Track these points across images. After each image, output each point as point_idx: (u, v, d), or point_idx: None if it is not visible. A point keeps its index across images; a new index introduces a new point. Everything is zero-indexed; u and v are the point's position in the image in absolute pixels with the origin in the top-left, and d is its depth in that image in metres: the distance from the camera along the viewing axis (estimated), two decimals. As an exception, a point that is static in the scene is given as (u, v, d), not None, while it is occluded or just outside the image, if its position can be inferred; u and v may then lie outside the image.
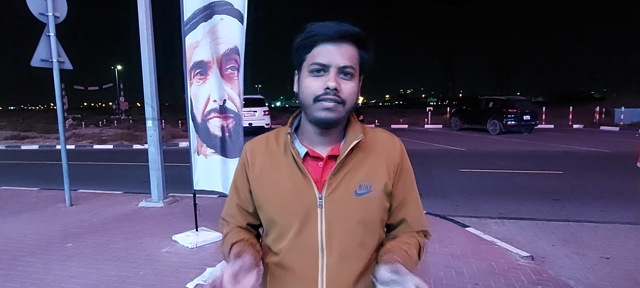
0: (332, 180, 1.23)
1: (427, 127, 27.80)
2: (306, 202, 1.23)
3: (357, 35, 1.18)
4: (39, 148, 20.27)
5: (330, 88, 1.14)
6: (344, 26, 1.16)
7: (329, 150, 1.26)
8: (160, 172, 7.21)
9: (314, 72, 1.17)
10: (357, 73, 1.21)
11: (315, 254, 1.23)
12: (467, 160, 12.57)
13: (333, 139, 1.28)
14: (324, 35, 1.15)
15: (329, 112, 1.16)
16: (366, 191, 1.24)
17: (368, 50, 1.22)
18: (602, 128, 23.39)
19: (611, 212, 6.64)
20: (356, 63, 1.19)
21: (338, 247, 1.22)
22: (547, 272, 4.33)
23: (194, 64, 4.99)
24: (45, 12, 6.87)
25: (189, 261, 4.71)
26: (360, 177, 1.24)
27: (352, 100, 1.20)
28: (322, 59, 1.16)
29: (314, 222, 1.23)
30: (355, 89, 1.20)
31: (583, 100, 58.19)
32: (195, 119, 5.09)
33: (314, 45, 1.17)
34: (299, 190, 1.24)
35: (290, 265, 1.26)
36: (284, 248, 1.26)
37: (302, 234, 1.23)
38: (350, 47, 1.17)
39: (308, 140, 1.29)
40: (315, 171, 1.25)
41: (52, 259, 4.81)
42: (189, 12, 4.96)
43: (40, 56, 6.88)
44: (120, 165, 13.86)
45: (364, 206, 1.24)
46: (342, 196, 1.22)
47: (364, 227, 1.24)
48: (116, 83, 48.06)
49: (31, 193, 8.57)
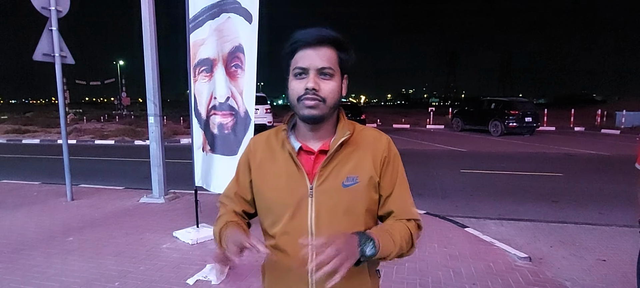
0: (322, 172, 1.36)
1: (429, 127, 27.82)
2: (298, 191, 1.37)
3: (334, 39, 1.31)
4: (40, 142, 20.30)
5: (309, 88, 1.29)
6: (322, 31, 1.30)
7: (320, 145, 1.40)
8: (162, 168, 7.24)
9: (297, 75, 1.32)
10: (337, 72, 1.34)
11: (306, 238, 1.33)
12: (468, 161, 12.59)
13: (323, 135, 1.41)
14: (303, 42, 1.30)
15: (311, 109, 1.30)
16: (352, 182, 1.36)
17: (346, 51, 1.35)
18: (603, 131, 23.37)
19: (609, 214, 6.66)
20: (335, 64, 1.32)
21: (326, 233, 1.32)
22: (544, 273, 4.35)
23: (199, 61, 5.01)
24: (47, 6, 6.91)
25: (190, 257, 4.75)
26: (348, 169, 1.37)
27: (332, 97, 1.32)
28: (303, 63, 1.30)
29: (304, 210, 1.36)
30: (334, 87, 1.33)
31: (585, 103, 58.08)
32: (201, 116, 5.12)
33: (296, 51, 1.32)
34: (292, 180, 1.38)
35: (284, 247, 1.39)
36: (278, 233, 1.40)
37: (294, 220, 1.37)
38: (328, 50, 1.31)
39: (302, 136, 1.42)
40: (308, 164, 1.38)
41: (53, 253, 4.85)
42: (196, 10, 4.99)
43: (42, 50, 6.91)
44: (121, 161, 13.88)
45: (350, 196, 1.36)
46: (330, 187, 1.36)
47: (350, 215, 1.37)
48: (118, 78, 48.16)
49: (32, 188, 8.61)
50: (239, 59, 4.62)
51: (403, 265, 4.40)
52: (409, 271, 4.31)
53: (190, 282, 4.07)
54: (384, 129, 26.76)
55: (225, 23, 4.69)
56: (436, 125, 28.24)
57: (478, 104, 23.84)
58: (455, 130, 24.43)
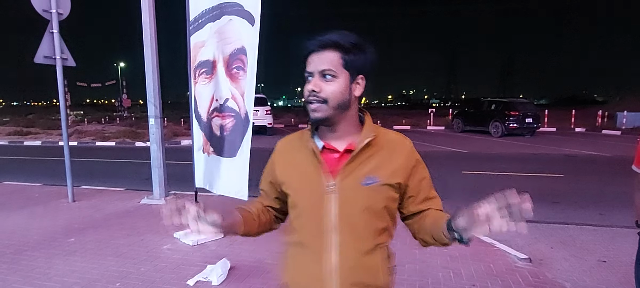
0: (344, 171, 1.43)
1: (430, 128, 27.81)
2: (320, 187, 1.45)
3: (336, 42, 1.38)
4: (41, 144, 20.34)
5: (309, 90, 1.40)
6: (324, 37, 1.39)
7: (345, 145, 1.47)
8: (162, 169, 7.26)
9: (306, 79, 1.43)
10: (342, 73, 1.40)
11: (327, 234, 1.44)
12: (468, 162, 12.59)
13: (344, 134, 1.48)
14: (309, 48, 1.41)
15: (314, 112, 1.40)
16: (372, 182, 1.43)
17: (352, 52, 1.40)
18: (604, 132, 23.36)
19: (610, 215, 6.67)
20: (337, 65, 1.39)
21: (348, 228, 1.43)
22: (544, 274, 4.35)
23: (199, 63, 5.03)
24: (48, 9, 6.93)
25: (190, 258, 4.76)
26: (368, 169, 1.44)
27: (334, 98, 1.39)
28: (309, 67, 1.41)
29: (327, 205, 1.44)
30: (336, 88, 1.39)
31: (586, 104, 58.12)
32: (201, 118, 5.14)
33: (306, 57, 1.43)
34: (314, 177, 1.46)
35: (305, 241, 1.49)
36: (301, 226, 1.51)
37: (316, 215, 1.45)
38: (330, 52, 1.38)
39: (324, 136, 1.51)
40: (331, 162, 1.46)
41: (54, 254, 4.87)
42: (197, 12, 5.01)
43: (43, 53, 6.93)
44: (122, 162, 13.93)
45: (369, 195, 1.43)
46: (351, 185, 1.43)
47: (369, 212, 1.44)
48: (119, 80, 48.17)
49: (34, 189, 8.64)
50: (242, 61, 4.63)
51: (403, 266, 4.41)
52: (409, 272, 4.32)
53: (190, 283, 4.08)
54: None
55: (226, 25, 4.71)
56: (436, 126, 28.22)
57: (478, 105, 23.80)
58: (456, 131, 24.41)
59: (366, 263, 1.45)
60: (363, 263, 1.45)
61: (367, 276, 1.46)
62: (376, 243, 1.47)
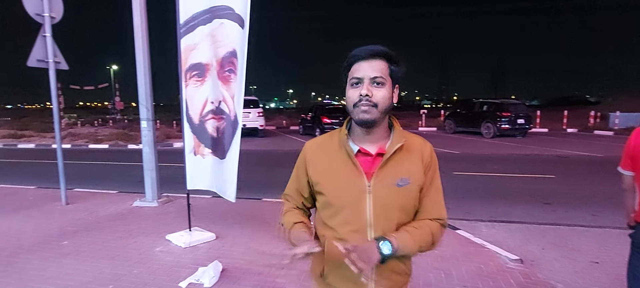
0: (379, 173, 1.58)
1: (421, 129, 27.82)
2: (358, 188, 1.59)
3: (385, 53, 1.55)
4: (35, 147, 20.24)
5: (363, 95, 1.52)
6: (374, 47, 1.54)
7: (377, 149, 1.62)
8: (155, 172, 7.26)
9: (353, 84, 1.56)
10: (388, 82, 1.56)
11: (364, 229, 1.59)
12: (460, 163, 12.61)
13: (377, 138, 1.63)
14: (358, 56, 1.55)
15: (365, 113, 1.53)
16: (405, 183, 1.60)
17: (397, 63, 1.58)
18: (596, 132, 23.49)
19: (602, 216, 6.70)
20: (386, 74, 1.55)
21: (382, 225, 1.59)
22: (536, 275, 4.38)
23: (190, 66, 5.04)
24: (41, 13, 6.91)
25: (182, 260, 4.77)
26: (401, 172, 1.60)
27: (384, 103, 1.55)
28: (358, 73, 1.54)
29: (363, 204, 1.58)
30: (386, 94, 1.55)
31: (578, 104, 58.19)
32: (192, 120, 5.15)
33: (352, 64, 1.56)
34: (351, 178, 1.60)
35: (344, 237, 1.60)
36: (338, 224, 1.63)
37: (354, 213, 1.60)
38: (379, 62, 1.54)
39: (358, 139, 1.64)
40: (365, 164, 1.60)
41: (48, 256, 4.87)
42: (188, 15, 5.01)
43: (36, 56, 6.92)
44: (115, 165, 13.90)
45: (403, 195, 1.60)
46: (386, 185, 1.58)
47: (402, 211, 1.62)
48: (112, 83, 47.98)
49: (28, 192, 8.61)
50: (233, 64, 4.66)
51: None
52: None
53: (182, 285, 4.08)
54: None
55: (218, 29, 4.73)
56: (428, 127, 28.28)
57: (470, 106, 23.84)
58: (448, 132, 24.47)
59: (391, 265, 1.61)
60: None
61: (399, 265, 1.66)
62: None
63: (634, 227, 2.59)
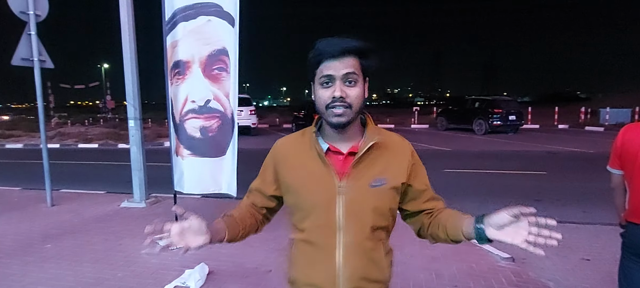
0: (351, 172, 1.48)
1: (414, 127, 27.85)
2: (328, 188, 1.48)
3: (357, 48, 1.43)
4: (23, 147, 20.04)
5: (336, 97, 1.41)
6: (345, 43, 1.41)
7: (349, 147, 1.52)
8: (143, 172, 7.16)
9: (324, 84, 1.44)
10: (361, 78, 1.46)
11: (334, 232, 1.49)
12: (451, 161, 12.61)
13: (350, 137, 1.53)
14: (328, 53, 1.41)
15: (340, 117, 1.42)
16: (380, 184, 1.49)
17: (368, 58, 1.47)
18: (587, 128, 23.59)
19: (593, 212, 6.69)
20: (358, 70, 1.44)
21: (354, 228, 1.48)
22: (527, 273, 4.34)
23: (173, 64, 4.96)
24: (26, 11, 6.78)
25: (168, 262, 4.67)
26: (375, 171, 1.50)
27: (358, 102, 1.44)
28: (328, 72, 1.42)
29: (334, 206, 1.48)
30: (359, 93, 1.45)
31: (569, 101, 58.68)
32: (175, 119, 5.06)
33: (321, 61, 1.43)
34: (321, 178, 1.49)
35: (313, 240, 1.52)
36: (309, 226, 1.52)
37: (325, 215, 1.49)
38: (351, 58, 1.42)
39: (329, 138, 1.54)
40: (336, 164, 1.50)
41: (29, 260, 4.76)
42: (170, 12, 4.93)
43: (20, 55, 6.79)
44: (104, 165, 13.76)
45: (377, 196, 1.49)
46: (359, 186, 1.48)
47: (376, 213, 1.50)
48: (103, 81, 47.76)
49: (12, 193, 8.48)
50: (224, 62, 4.61)
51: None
52: (391, 273, 4.28)
53: (168, 289, 4.00)
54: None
55: (204, 26, 4.66)
56: (421, 124, 28.32)
57: (462, 103, 23.97)
58: (440, 130, 24.50)
59: (372, 259, 1.52)
60: (370, 260, 1.51)
61: (373, 271, 1.53)
62: (379, 240, 1.54)
63: (625, 226, 2.54)
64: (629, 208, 2.48)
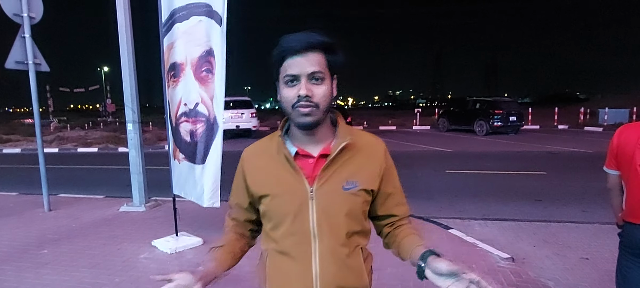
0: (322, 176, 1.39)
1: (415, 128, 27.83)
2: (299, 194, 1.40)
3: (322, 44, 1.34)
4: (21, 151, 19.98)
5: (302, 96, 1.31)
6: (309, 37, 1.32)
7: (320, 149, 1.43)
8: (142, 175, 7.12)
9: (288, 82, 1.34)
10: (328, 76, 1.36)
11: (308, 241, 1.40)
12: (453, 161, 12.60)
13: (320, 138, 1.44)
14: (291, 49, 1.32)
15: (306, 116, 1.33)
16: (353, 186, 1.41)
17: (335, 53, 1.37)
18: (586, 128, 23.57)
19: (592, 212, 6.68)
20: (324, 67, 1.34)
21: (328, 235, 1.40)
22: (527, 273, 4.32)
23: (170, 66, 4.91)
24: (20, 13, 6.72)
25: (167, 267, 4.64)
26: (348, 174, 1.41)
27: (325, 101, 1.35)
28: (293, 70, 1.32)
29: (306, 212, 1.39)
30: (327, 91, 1.35)
31: (569, 101, 58.67)
32: (171, 123, 5.02)
33: (285, 58, 1.33)
34: (291, 184, 1.41)
35: (287, 250, 1.43)
36: (281, 236, 1.43)
37: (297, 223, 1.40)
38: (316, 55, 1.33)
39: (298, 140, 1.45)
40: (306, 168, 1.41)
41: (25, 267, 4.71)
42: (167, 13, 4.88)
43: (15, 58, 6.72)
44: (104, 169, 13.72)
45: (351, 199, 1.41)
46: (331, 190, 1.39)
47: (350, 217, 1.42)
48: (103, 85, 47.75)
49: (9, 198, 8.43)
50: (210, 63, 4.51)
51: (384, 270, 4.32)
52: (389, 277, 4.24)
53: (166, 293, 3.96)
54: (371, 131, 26.69)
55: (195, 27, 4.58)
56: (422, 126, 28.26)
57: (463, 104, 23.93)
58: (441, 131, 24.47)
59: (349, 266, 1.43)
60: (346, 267, 1.43)
61: (351, 278, 1.45)
62: (356, 246, 1.46)
63: (622, 226, 2.53)
64: (626, 209, 2.47)
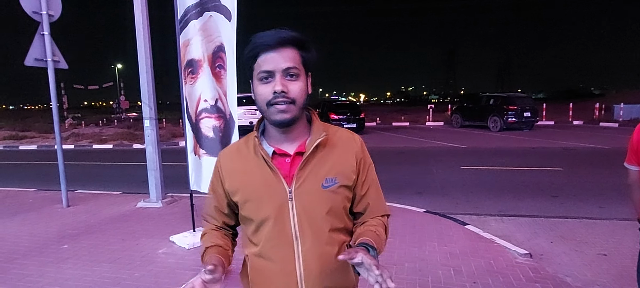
0: (299, 175, 1.37)
1: (429, 124, 27.73)
2: (278, 196, 1.37)
3: (295, 39, 1.33)
4: (37, 148, 20.22)
5: (278, 91, 1.29)
6: (282, 33, 1.31)
7: (295, 147, 1.40)
8: (159, 172, 7.18)
9: (263, 79, 1.32)
10: (302, 72, 1.35)
11: (290, 243, 1.38)
12: (467, 158, 12.53)
13: (296, 136, 1.42)
14: (264, 45, 1.30)
15: (283, 113, 1.31)
16: (332, 184, 1.39)
17: (308, 49, 1.37)
18: (601, 124, 23.33)
19: (609, 208, 6.62)
20: (299, 63, 1.33)
21: (310, 235, 1.37)
22: (544, 269, 4.30)
23: (187, 63, 4.94)
24: (39, 11, 6.82)
25: (185, 262, 4.68)
26: (326, 171, 1.39)
27: (301, 97, 1.33)
28: (267, 66, 1.30)
29: (286, 214, 1.37)
30: (302, 87, 1.34)
31: (583, 97, 58.07)
32: (191, 119, 5.06)
33: (258, 55, 1.31)
34: (270, 186, 1.38)
35: (268, 254, 1.40)
36: (262, 240, 1.40)
37: (277, 226, 1.37)
38: (290, 50, 1.32)
39: (274, 140, 1.42)
40: (283, 167, 1.38)
41: (47, 261, 4.78)
42: (182, 10, 4.91)
43: (34, 55, 6.82)
44: (119, 165, 13.83)
45: (331, 197, 1.39)
46: (310, 189, 1.37)
47: (332, 215, 1.40)
48: (117, 82, 48.00)
49: (28, 194, 8.54)
50: (222, 59, 4.54)
51: (402, 266, 4.34)
52: (408, 271, 4.25)
53: (185, 288, 4.00)
54: (384, 127, 26.71)
55: (208, 22, 4.60)
56: (435, 122, 28.16)
57: (477, 100, 23.82)
58: (455, 127, 24.36)
59: (333, 266, 1.40)
60: (331, 267, 1.40)
61: (337, 278, 1.43)
62: (340, 243, 1.44)
63: None
64: None
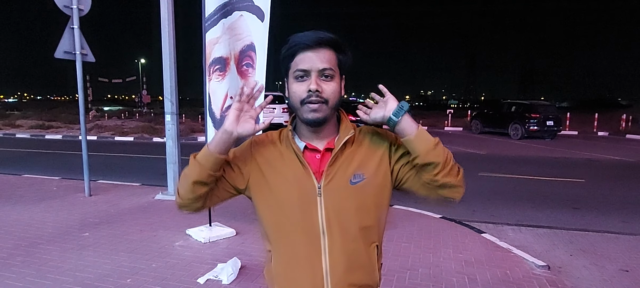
0: (329, 171, 1.39)
1: (447, 129, 27.51)
2: (307, 191, 1.39)
3: (333, 41, 1.35)
4: (62, 138, 20.60)
5: (312, 90, 1.32)
6: (320, 34, 1.34)
7: (325, 144, 1.43)
8: (177, 165, 7.26)
9: (298, 77, 1.35)
10: (337, 74, 1.38)
11: (317, 238, 1.38)
12: (486, 164, 12.40)
13: (326, 134, 1.44)
14: (303, 44, 1.33)
15: (315, 112, 1.34)
16: (360, 179, 1.40)
17: (345, 52, 1.40)
18: (628, 136, 22.83)
19: (633, 222, 6.49)
20: (335, 65, 1.36)
21: (338, 231, 1.38)
22: (563, 282, 4.24)
23: (213, 60, 5.01)
24: (69, 5, 7.00)
25: (201, 255, 4.74)
26: (354, 167, 1.40)
27: (334, 98, 1.37)
28: (304, 65, 1.33)
29: (314, 209, 1.38)
30: (336, 88, 1.37)
31: (609, 107, 57.04)
32: (214, 115, 5.11)
33: (296, 54, 1.35)
34: (299, 180, 1.39)
35: (295, 249, 1.40)
36: (289, 235, 1.41)
37: (305, 220, 1.38)
38: (327, 51, 1.35)
39: (304, 137, 1.44)
40: (314, 163, 1.41)
41: (68, 248, 4.90)
42: (211, 8, 4.98)
43: (63, 48, 7.00)
44: (139, 157, 14.04)
45: (359, 193, 1.39)
46: (339, 185, 1.38)
47: (362, 211, 1.40)
48: (139, 76, 48.63)
49: (52, 182, 8.73)
50: (251, 58, 4.61)
51: (416, 271, 4.33)
52: (422, 277, 4.24)
53: (200, 281, 4.05)
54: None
55: (237, 21, 4.68)
56: (454, 127, 27.91)
57: (498, 107, 23.56)
58: (474, 133, 24.11)
59: (360, 262, 1.41)
60: (357, 263, 1.41)
61: (362, 275, 1.43)
62: (367, 241, 1.43)
63: None
64: None
